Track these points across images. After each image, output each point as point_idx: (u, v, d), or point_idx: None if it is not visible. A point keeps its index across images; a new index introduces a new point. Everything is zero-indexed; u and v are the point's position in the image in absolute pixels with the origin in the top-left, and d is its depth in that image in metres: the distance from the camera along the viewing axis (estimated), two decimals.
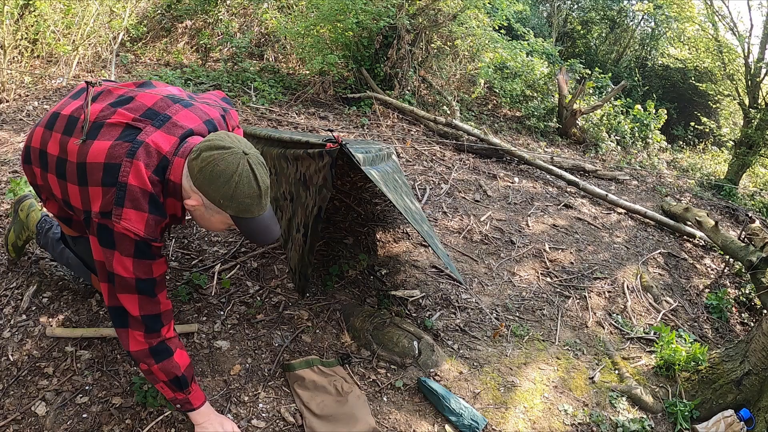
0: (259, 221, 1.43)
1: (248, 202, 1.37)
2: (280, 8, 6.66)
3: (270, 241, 1.48)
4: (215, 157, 1.33)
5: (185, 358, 1.57)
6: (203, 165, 1.34)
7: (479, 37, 6.34)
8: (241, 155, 1.35)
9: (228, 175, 1.33)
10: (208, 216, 1.44)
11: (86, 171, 1.38)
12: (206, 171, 1.33)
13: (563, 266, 3.36)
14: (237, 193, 1.35)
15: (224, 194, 1.34)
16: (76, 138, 1.43)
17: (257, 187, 1.37)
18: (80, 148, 1.40)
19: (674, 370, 2.55)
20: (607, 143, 6.60)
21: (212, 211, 1.42)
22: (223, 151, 1.34)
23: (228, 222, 1.46)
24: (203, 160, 1.34)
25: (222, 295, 2.37)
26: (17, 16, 4.04)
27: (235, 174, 1.33)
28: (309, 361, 2.09)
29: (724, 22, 7.48)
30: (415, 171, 4.17)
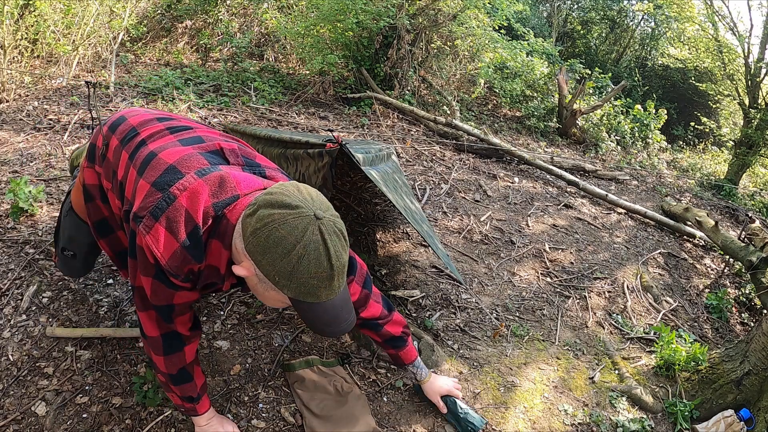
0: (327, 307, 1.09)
1: (314, 284, 1.05)
2: (280, 8, 6.66)
3: (339, 334, 1.13)
4: (276, 218, 1.02)
5: (201, 377, 1.54)
6: (259, 226, 1.03)
7: (479, 37, 6.34)
8: (312, 219, 1.03)
9: (290, 246, 1.02)
10: (262, 290, 1.13)
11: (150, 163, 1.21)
12: (261, 234, 1.03)
13: (563, 266, 3.36)
14: (299, 270, 1.03)
15: (281, 270, 1.03)
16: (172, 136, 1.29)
17: (328, 266, 1.04)
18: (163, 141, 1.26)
19: (674, 370, 2.55)
20: (607, 143, 6.60)
21: (266, 286, 1.10)
22: (289, 211, 1.03)
23: (287, 302, 1.13)
24: (259, 219, 1.03)
25: (222, 295, 2.37)
26: (17, 16, 4.04)
27: (299, 245, 1.02)
28: (309, 361, 2.09)
29: (724, 22, 7.49)
30: (415, 171, 4.17)
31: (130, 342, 2.04)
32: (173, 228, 1.11)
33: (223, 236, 1.14)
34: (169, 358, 1.35)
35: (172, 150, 1.24)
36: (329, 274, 1.05)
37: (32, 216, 2.55)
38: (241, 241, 1.09)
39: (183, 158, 1.19)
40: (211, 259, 1.17)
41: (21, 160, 3.05)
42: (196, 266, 1.16)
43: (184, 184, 1.13)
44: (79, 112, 3.82)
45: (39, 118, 3.64)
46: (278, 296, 1.11)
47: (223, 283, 1.24)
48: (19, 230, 2.45)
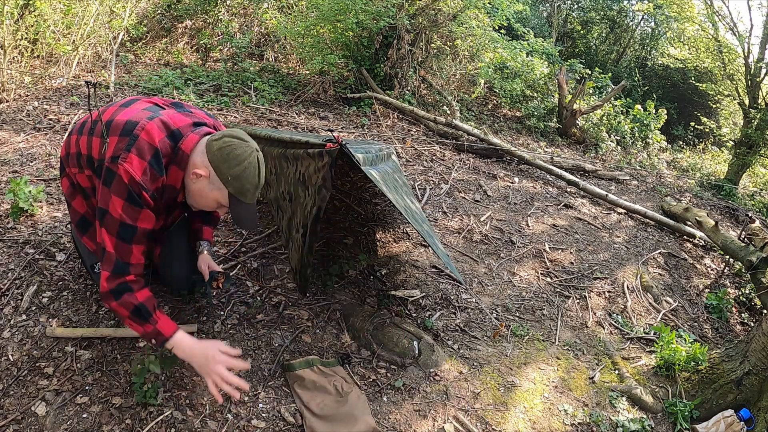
0: (248, 208, 1.68)
1: (248, 187, 1.63)
2: (280, 8, 6.66)
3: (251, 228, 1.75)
4: (235, 144, 1.61)
5: (146, 293, 1.65)
6: (223, 146, 1.60)
7: (479, 37, 6.34)
8: (255, 150, 1.64)
9: (241, 159, 1.60)
10: (208, 191, 1.65)
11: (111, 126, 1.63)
12: (225, 151, 1.59)
13: (563, 266, 3.36)
14: (244, 175, 1.60)
15: (234, 173, 1.59)
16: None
17: (257, 179, 1.64)
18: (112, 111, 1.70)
19: (674, 370, 2.55)
20: (607, 143, 6.60)
21: (213, 187, 1.64)
22: (243, 142, 1.62)
23: (220, 201, 1.66)
24: (224, 143, 1.60)
25: (222, 295, 2.37)
26: (17, 16, 4.04)
27: (246, 161, 1.60)
28: (309, 361, 2.09)
29: (724, 22, 7.49)
30: (415, 171, 4.17)
31: (130, 342, 2.04)
32: (142, 154, 1.57)
33: (179, 162, 1.65)
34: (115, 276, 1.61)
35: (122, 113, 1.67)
36: (256, 185, 1.65)
37: (32, 216, 2.55)
38: (204, 156, 1.62)
39: (133, 114, 1.66)
40: (170, 180, 1.66)
41: (21, 160, 3.05)
42: (160, 181, 1.61)
43: (142, 126, 1.60)
44: (79, 112, 3.82)
45: (39, 118, 3.64)
46: (219, 195, 1.65)
47: (178, 195, 1.73)
48: (19, 230, 2.45)
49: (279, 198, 2.47)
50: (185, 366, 2.00)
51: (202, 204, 1.72)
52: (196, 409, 1.86)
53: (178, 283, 2.16)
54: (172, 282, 2.17)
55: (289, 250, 2.42)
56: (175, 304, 2.26)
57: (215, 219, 2.18)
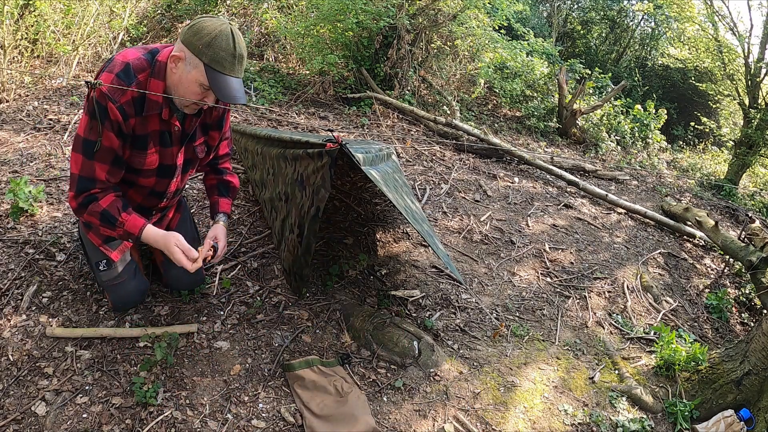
0: (229, 81, 1.61)
1: (222, 55, 1.58)
2: (280, 8, 6.66)
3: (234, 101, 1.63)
4: (205, 19, 1.61)
5: (109, 198, 1.72)
6: (194, 23, 1.60)
7: (479, 37, 6.34)
8: (227, 23, 1.61)
9: (211, 29, 1.58)
10: (186, 74, 1.62)
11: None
12: (195, 27, 1.59)
13: (563, 266, 3.36)
14: (215, 43, 1.57)
15: (204, 42, 1.57)
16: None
17: (233, 47, 1.60)
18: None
19: (674, 370, 2.55)
20: (607, 143, 6.60)
21: (190, 66, 1.61)
22: (214, 18, 1.62)
23: (199, 79, 1.61)
24: (195, 21, 1.61)
25: (222, 295, 2.37)
26: (17, 16, 4.03)
27: (216, 30, 1.58)
28: (309, 361, 2.09)
29: (724, 22, 7.49)
30: (415, 171, 4.17)
31: (130, 342, 2.04)
32: (112, 70, 1.61)
33: (158, 74, 1.66)
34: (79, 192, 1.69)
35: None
36: (233, 53, 1.60)
37: (32, 216, 2.55)
38: (178, 43, 1.62)
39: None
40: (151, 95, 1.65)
41: (21, 160, 3.05)
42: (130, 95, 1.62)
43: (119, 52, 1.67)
44: (79, 112, 3.82)
45: (39, 118, 3.64)
46: (196, 74, 1.60)
47: (162, 110, 1.71)
48: (19, 230, 2.45)
49: (274, 198, 2.47)
50: (185, 366, 2.00)
51: (187, 92, 1.66)
52: (196, 409, 1.86)
53: (179, 284, 2.21)
54: (173, 283, 2.21)
55: (281, 251, 2.42)
56: (175, 304, 2.26)
57: (232, 188, 2.15)
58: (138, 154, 1.77)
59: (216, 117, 1.95)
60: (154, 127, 1.75)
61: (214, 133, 1.99)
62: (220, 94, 1.61)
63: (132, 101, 1.64)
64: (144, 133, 1.73)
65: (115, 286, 1.98)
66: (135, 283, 2.01)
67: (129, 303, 2.06)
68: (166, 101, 1.70)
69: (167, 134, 1.80)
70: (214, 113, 1.93)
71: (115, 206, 1.72)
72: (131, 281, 2.00)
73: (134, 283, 2.01)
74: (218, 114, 1.94)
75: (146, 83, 1.65)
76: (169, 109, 1.73)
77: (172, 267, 2.10)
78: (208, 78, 1.60)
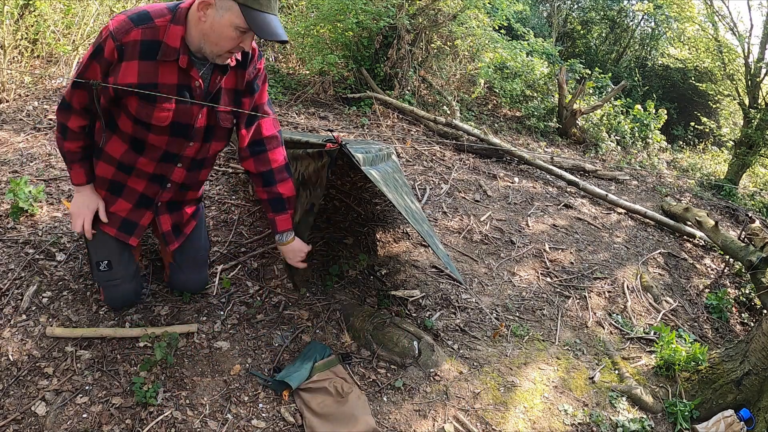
0: (266, 17, 1.52)
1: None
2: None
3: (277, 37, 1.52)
4: None
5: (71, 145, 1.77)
6: None
7: (479, 37, 6.34)
8: None
9: None
10: (219, 19, 1.51)
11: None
12: None
13: (563, 266, 3.36)
14: None
15: None
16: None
17: None
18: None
19: (674, 370, 2.55)
20: (607, 143, 6.59)
21: (223, 10, 1.50)
22: None
23: (235, 22, 1.51)
24: None
25: (222, 295, 2.37)
26: (17, 16, 4.03)
27: None
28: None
29: (724, 22, 7.48)
30: (415, 171, 4.17)
31: (130, 342, 2.04)
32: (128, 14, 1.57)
33: (177, 20, 1.57)
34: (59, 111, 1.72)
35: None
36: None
37: (32, 216, 2.55)
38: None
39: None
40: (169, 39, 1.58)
41: (21, 160, 3.05)
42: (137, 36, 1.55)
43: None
44: None
45: (39, 118, 3.64)
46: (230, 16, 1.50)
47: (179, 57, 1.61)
48: (19, 230, 2.45)
49: None
50: (185, 366, 2.00)
51: (221, 38, 1.54)
52: (196, 409, 1.86)
53: (184, 288, 2.25)
54: (178, 287, 2.24)
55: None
56: (175, 304, 2.26)
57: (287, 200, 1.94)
58: (146, 106, 1.64)
59: (248, 81, 1.77)
60: (171, 78, 1.63)
61: (245, 100, 1.80)
62: (261, 33, 1.50)
63: (138, 43, 1.55)
64: (153, 81, 1.61)
65: (111, 286, 1.99)
66: (131, 286, 2.02)
67: (122, 303, 2.08)
68: (184, 49, 1.59)
69: (186, 90, 1.67)
70: (246, 76, 1.75)
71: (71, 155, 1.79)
72: (128, 284, 2.00)
73: (130, 286, 2.02)
74: (250, 78, 1.77)
75: (166, 28, 1.56)
76: (188, 57, 1.61)
77: (180, 272, 2.13)
78: (245, 17, 1.49)
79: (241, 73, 1.74)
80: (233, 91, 1.76)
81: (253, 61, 1.75)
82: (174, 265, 2.15)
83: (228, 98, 1.76)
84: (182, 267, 2.13)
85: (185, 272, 2.14)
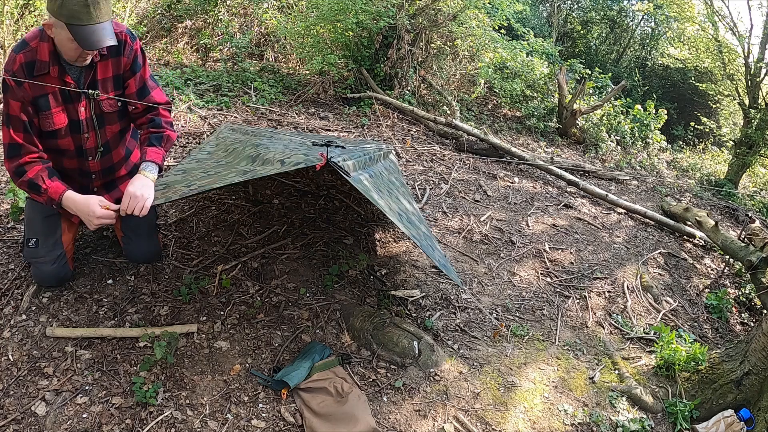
0: (91, 30, 1.69)
1: (75, 9, 1.65)
2: (280, 8, 6.66)
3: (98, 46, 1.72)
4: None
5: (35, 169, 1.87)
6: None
7: (479, 37, 6.34)
8: None
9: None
10: (58, 36, 1.73)
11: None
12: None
13: (563, 266, 3.36)
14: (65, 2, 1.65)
15: (58, 3, 1.65)
16: None
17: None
18: None
19: (674, 370, 2.55)
20: (607, 143, 6.59)
21: (58, 29, 1.71)
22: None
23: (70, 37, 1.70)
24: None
25: (222, 295, 2.37)
26: (17, 16, 4.04)
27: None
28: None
29: (724, 22, 7.48)
30: (415, 171, 4.17)
31: (130, 342, 2.04)
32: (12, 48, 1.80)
33: (43, 37, 1.78)
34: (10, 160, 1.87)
35: None
36: (85, 2, 1.65)
37: None
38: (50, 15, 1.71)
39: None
40: (39, 55, 1.79)
41: None
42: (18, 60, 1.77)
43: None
44: None
45: None
46: (64, 34, 1.70)
47: (49, 69, 1.82)
48: (19, 230, 2.45)
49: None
50: (185, 366, 2.00)
51: (69, 53, 1.78)
52: (196, 409, 1.86)
53: (136, 257, 2.35)
54: (131, 256, 2.35)
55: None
56: (175, 304, 2.26)
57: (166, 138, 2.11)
58: (45, 116, 1.87)
59: (127, 65, 1.99)
60: (51, 87, 1.85)
61: (130, 81, 2.03)
62: (85, 46, 1.70)
63: (22, 67, 1.78)
64: (42, 93, 1.84)
65: (36, 263, 2.11)
66: (54, 268, 2.10)
67: (45, 282, 2.17)
68: (54, 60, 1.81)
69: (65, 91, 1.89)
70: (124, 61, 1.97)
71: (40, 175, 1.87)
72: (50, 265, 2.09)
73: (53, 268, 2.10)
74: (128, 61, 1.98)
75: (37, 48, 1.78)
76: (59, 67, 1.83)
77: (131, 242, 2.26)
78: (72, 34, 1.69)
79: (116, 60, 1.96)
80: (113, 78, 1.98)
81: (127, 45, 1.96)
82: (125, 238, 2.27)
83: (111, 85, 1.98)
84: (132, 238, 2.25)
85: (135, 242, 2.26)
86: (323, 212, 3.16)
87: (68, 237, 2.15)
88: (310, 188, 3.39)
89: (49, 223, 2.07)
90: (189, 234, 2.72)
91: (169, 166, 3.31)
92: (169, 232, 2.69)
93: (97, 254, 2.40)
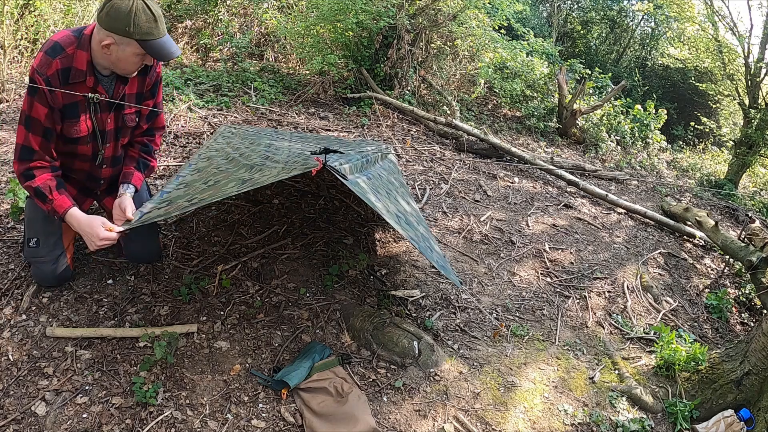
0: (161, 42, 1.81)
1: (147, 26, 1.75)
2: (280, 8, 6.66)
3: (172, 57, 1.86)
4: (114, 2, 1.73)
5: (44, 177, 1.90)
6: (107, 10, 1.73)
7: (479, 37, 6.34)
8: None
9: (125, 10, 1.72)
10: (122, 52, 1.79)
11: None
12: (110, 13, 1.73)
13: (563, 266, 3.36)
14: (137, 21, 1.73)
15: (126, 23, 1.72)
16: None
17: (152, 14, 1.77)
18: None
19: (674, 370, 2.55)
20: (607, 143, 6.59)
21: (124, 46, 1.78)
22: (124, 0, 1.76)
23: (137, 52, 1.80)
24: (106, 8, 1.74)
25: (222, 295, 2.37)
26: (17, 16, 4.04)
27: (132, 8, 1.73)
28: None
29: (724, 22, 7.48)
30: (415, 171, 4.17)
31: (130, 342, 2.04)
32: (43, 49, 1.80)
33: (83, 45, 1.82)
34: (20, 162, 1.89)
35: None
36: (154, 18, 1.77)
37: None
38: (100, 30, 1.77)
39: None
40: (75, 62, 1.82)
41: None
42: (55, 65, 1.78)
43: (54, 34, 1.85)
44: None
45: None
46: (132, 49, 1.79)
47: (86, 78, 1.86)
48: (19, 230, 2.45)
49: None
50: (185, 366, 2.00)
51: (130, 67, 1.86)
52: (196, 409, 1.86)
53: (137, 258, 2.39)
54: (132, 257, 2.39)
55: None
56: (175, 304, 2.26)
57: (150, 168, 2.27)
58: (71, 123, 1.90)
59: (149, 86, 2.09)
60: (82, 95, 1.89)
61: (148, 102, 2.13)
62: (160, 58, 1.83)
63: (57, 73, 1.79)
64: (73, 101, 1.87)
65: (36, 263, 2.13)
66: (53, 268, 2.12)
67: (45, 282, 2.18)
68: (90, 70, 1.85)
69: (96, 101, 1.93)
70: (147, 81, 2.06)
71: (48, 185, 1.89)
72: (50, 265, 2.11)
73: (53, 267, 2.12)
74: (151, 82, 2.08)
75: (74, 55, 1.81)
76: (94, 77, 1.87)
77: (131, 243, 2.30)
78: (144, 48, 1.78)
79: (142, 79, 2.04)
80: (136, 95, 2.07)
81: (153, 67, 2.04)
82: (125, 238, 2.27)
83: (134, 101, 2.08)
84: (132, 238, 2.26)
85: (135, 242, 2.30)
86: (323, 212, 3.16)
87: (68, 237, 2.16)
88: (310, 188, 3.39)
89: (49, 222, 2.08)
90: (189, 234, 2.72)
91: (168, 166, 3.31)
92: (169, 232, 2.69)
93: (97, 254, 2.40)
